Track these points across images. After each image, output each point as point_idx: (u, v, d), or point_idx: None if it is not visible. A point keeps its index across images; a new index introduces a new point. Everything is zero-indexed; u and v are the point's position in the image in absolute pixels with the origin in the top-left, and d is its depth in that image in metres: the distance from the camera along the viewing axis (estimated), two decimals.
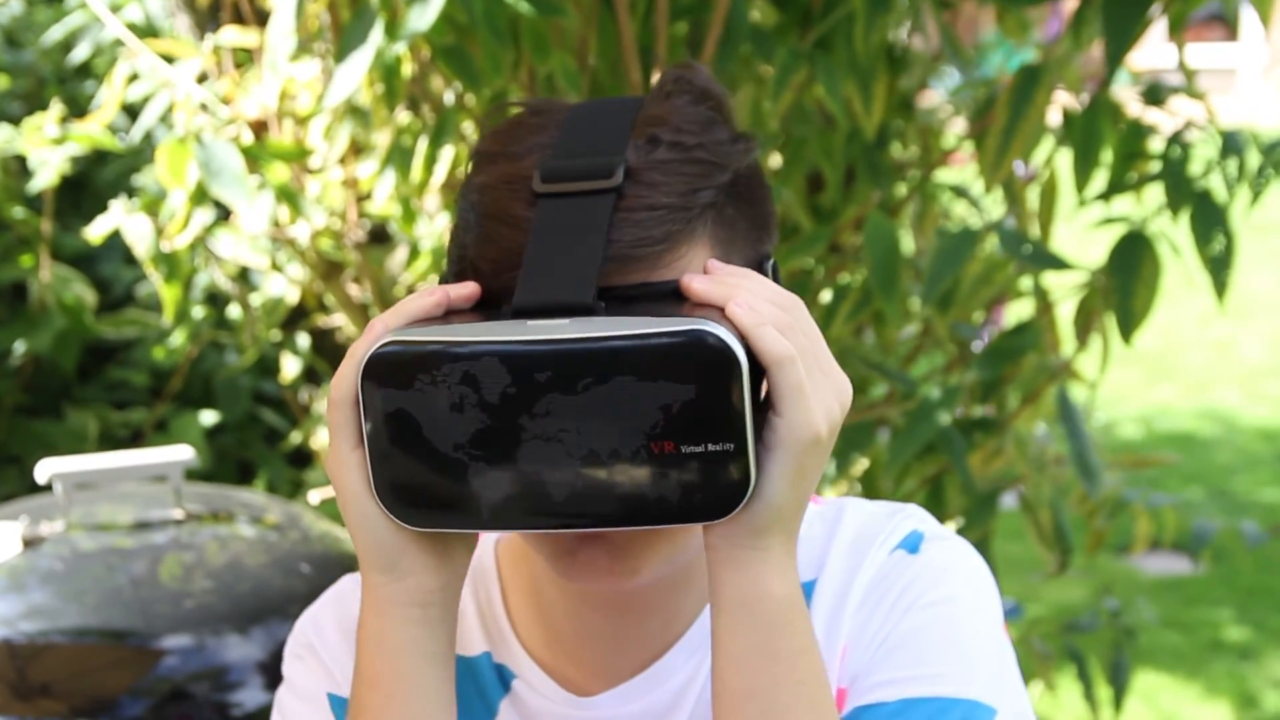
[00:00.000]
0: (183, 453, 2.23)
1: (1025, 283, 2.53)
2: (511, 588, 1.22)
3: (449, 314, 1.01)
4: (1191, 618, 4.80)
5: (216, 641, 2.09)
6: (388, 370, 0.94)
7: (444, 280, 1.08)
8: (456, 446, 0.94)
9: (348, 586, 1.24)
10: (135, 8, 2.74)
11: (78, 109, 3.53)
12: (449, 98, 2.38)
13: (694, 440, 0.92)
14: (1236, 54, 17.99)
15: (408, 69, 2.29)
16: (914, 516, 1.19)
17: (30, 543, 2.14)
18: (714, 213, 1.04)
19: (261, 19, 2.50)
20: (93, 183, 3.63)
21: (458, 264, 1.06)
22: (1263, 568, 5.14)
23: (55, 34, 3.15)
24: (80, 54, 3.21)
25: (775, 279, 1.09)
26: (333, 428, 1.00)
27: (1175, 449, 6.50)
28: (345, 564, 2.27)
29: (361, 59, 2.09)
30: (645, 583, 1.09)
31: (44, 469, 2.17)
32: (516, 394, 0.92)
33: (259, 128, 2.43)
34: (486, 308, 1.01)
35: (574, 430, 0.93)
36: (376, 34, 2.08)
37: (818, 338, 0.99)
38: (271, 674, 2.09)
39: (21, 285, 3.39)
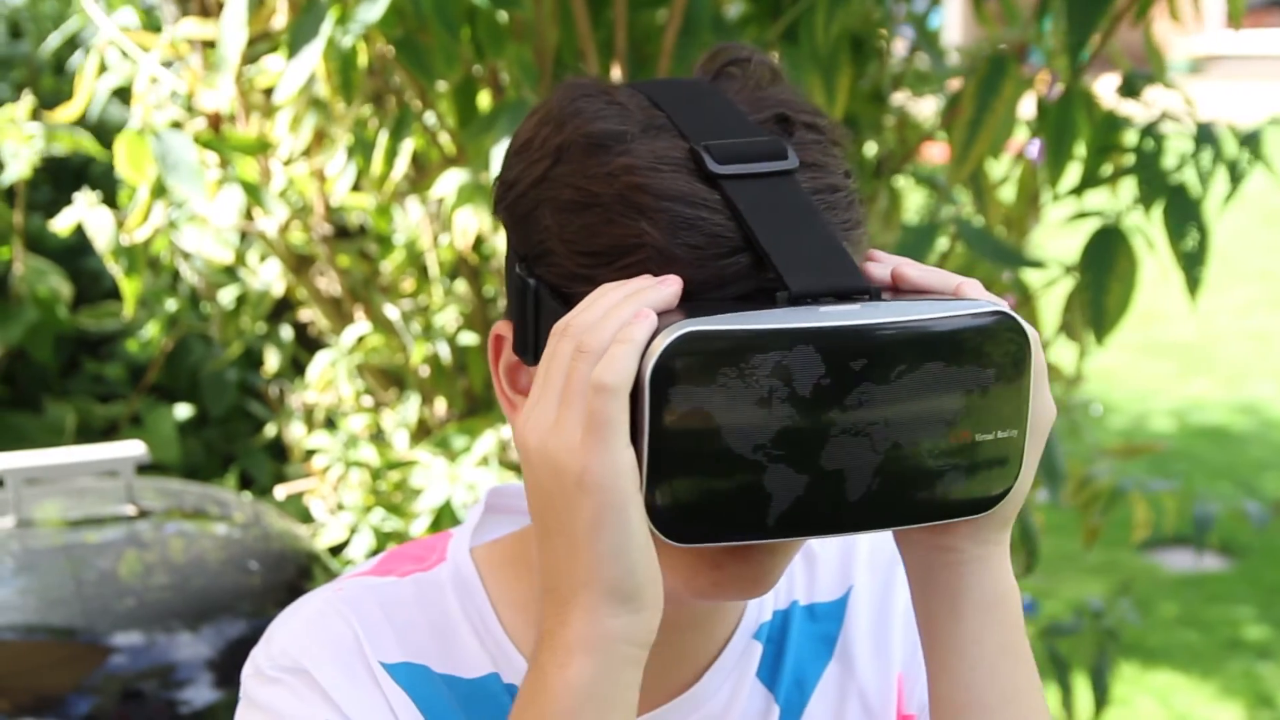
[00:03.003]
0: (134, 448, 2.21)
1: (1007, 276, 2.48)
2: (503, 602, 1.09)
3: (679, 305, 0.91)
4: (1211, 616, 4.73)
5: (166, 639, 2.08)
6: (689, 362, 0.84)
7: (531, 274, 0.96)
8: (757, 447, 0.85)
9: (320, 607, 1.08)
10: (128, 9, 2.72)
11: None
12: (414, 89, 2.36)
13: (987, 428, 0.89)
14: None
15: (364, 61, 2.26)
16: None
17: None
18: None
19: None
20: (89, 172, 3.63)
21: (620, 254, 0.93)
22: None
23: (54, 40, 3.14)
24: (67, 49, 3.20)
25: None
26: (602, 420, 0.85)
27: (1208, 443, 6.41)
28: (300, 563, 2.24)
29: (312, 52, 2.07)
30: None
31: None
32: (830, 385, 0.85)
33: (217, 120, 2.41)
34: (687, 300, 0.90)
35: (882, 423, 0.86)
36: (327, 26, 2.05)
37: None
38: (222, 672, 2.07)
39: (3, 278, 3.40)
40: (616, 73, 2.17)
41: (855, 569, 1.14)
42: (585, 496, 0.85)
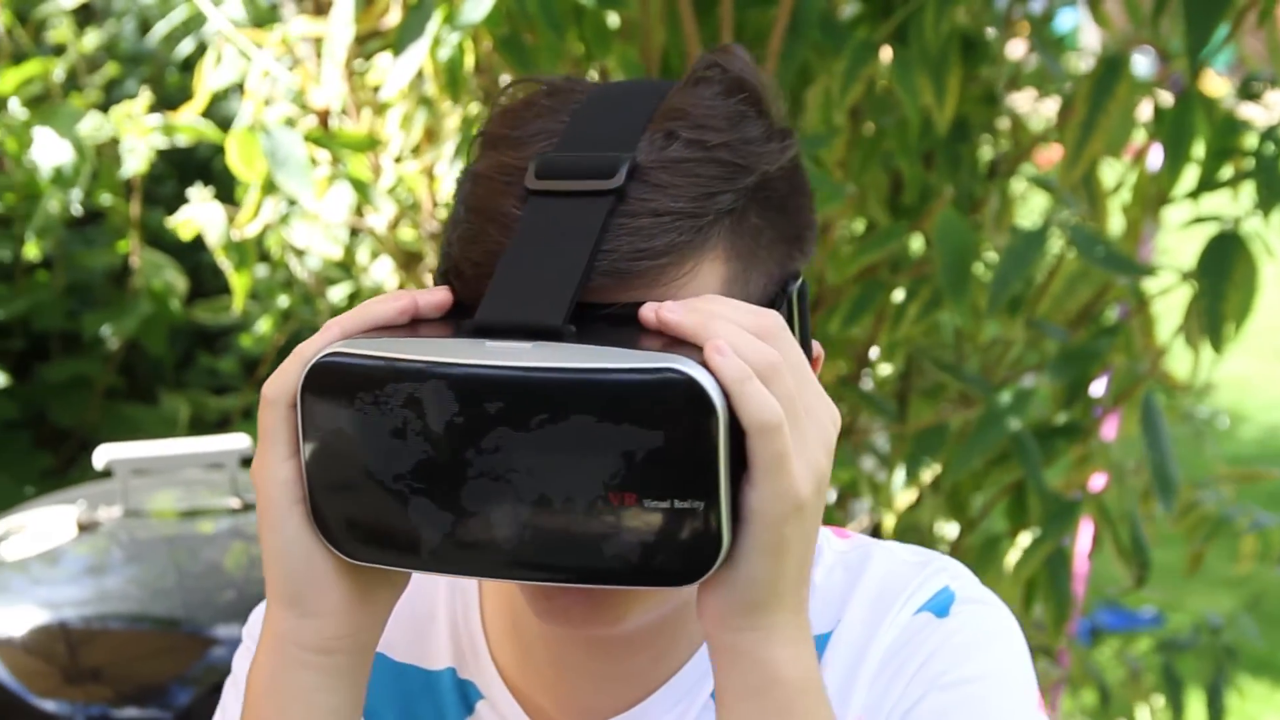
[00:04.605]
0: (239, 441, 2.24)
1: (1124, 282, 2.43)
2: (490, 598, 1.11)
3: (416, 323, 0.90)
4: None
5: None
6: (329, 382, 0.85)
7: (436, 279, 0.97)
8: (397, 477, 0.85)
9: None
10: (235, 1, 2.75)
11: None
12: None
13: (658, 494, 0.82)
14: None
15: (471, 60, 2.26)
16: (946, 571, 1.07)
17: (86, 527, 2.16)
18: (732, 221, 0.93)
19: None
20: (213, 167, 3.68)
21: (443, 261, 0.95)
22: None
23: (163, 27, 3.19)
24: (188, 45, 3.25)
25: (803, 303, 0.98)
26: (264, 430, 0.89)
27: None
28: None
29: (417, 50, 2.07)
30: (633, 627, 1.00)
31: (101, 455, 2.19)
32: (464, 424, 0.82)
33: (326, 117, 2.43)
34: (462, 317, 0.89)
35: (525, 471, 0.82)
36: (433, 25, 2.06)
37: (801, 365, 0.87)
38: None
39: (121, 271, 3.47)
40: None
41: (851, 602, 1.06)
42: (258, 501, 0.90)
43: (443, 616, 1.12)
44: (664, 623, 1.03)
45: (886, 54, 2.18)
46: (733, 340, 0.84)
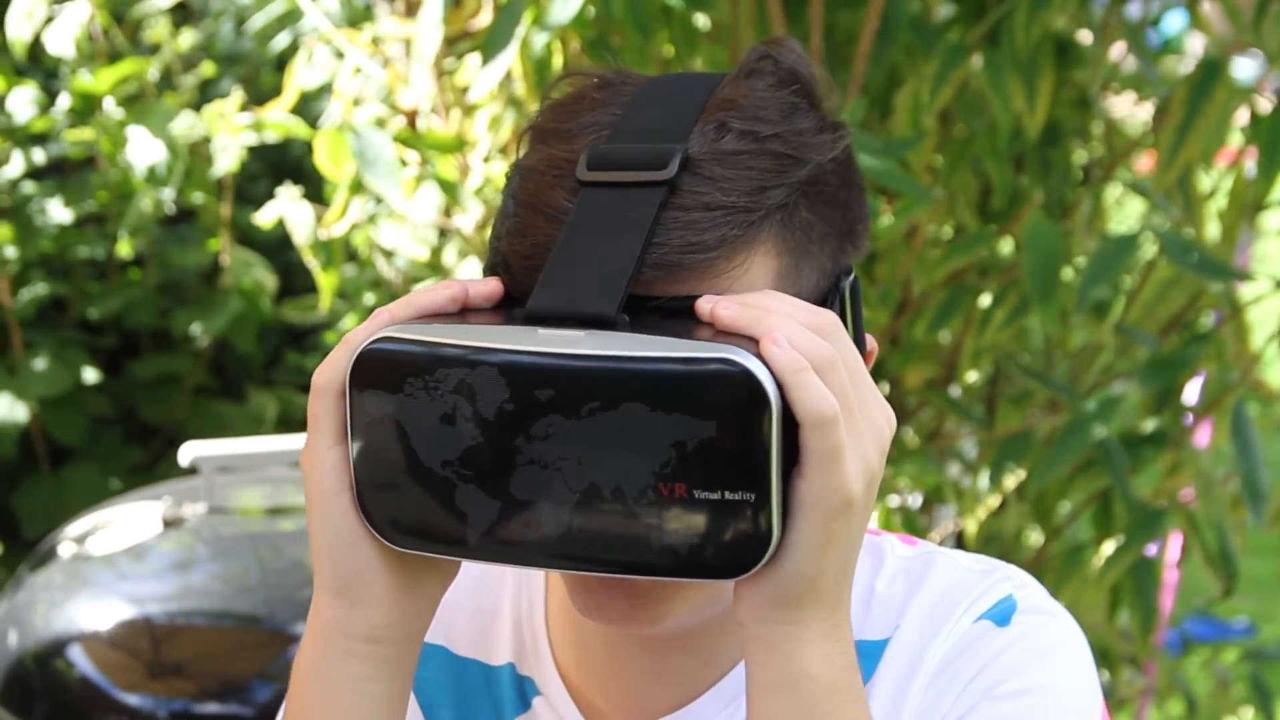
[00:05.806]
0: None
1: (1217, 289, 2.39)
2: (554, 597, 1.10)
3: (465, 311, 0.90)
4: None
5: None
6: (378, 368, 0.85)
7: (486, 272, 0.97)
8: (445, 463, 0.84)
9: None
10: None
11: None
12: None
13: (709, 485, 0.81)
14: None
15: (559, 62, 2.26)
16: (1011, 580, 1.05)
17: (170, 524, 2.18)
18: (784, 215, 0.92)
19: None
20: (305, 166, 3.70)
21: (492, 255, 0.95)
22: None
23: (257, 22, 3.22)
24: (281, 42, 3.27)
25: (855, 298, 0.98)
26: (312, 418, 0.89)
27: None
28: None
29: (506, 54, 2.07)
30: (677, 627, 0.99)
31: (187, 452, 2.21)
32: (514, 411, 0.82)
33: (414, 117, 2.44)
34: (512, 308, 0.89)
35: (574, 460, 0.82)
36: (521, 27, 2.06)
37: (857, 364, 0.87)
38: None
39: (216, 269, 3.50)
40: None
41: (910, 609, 1.04)
42: (306, 490, 0.90)
43: (508, 613, 1.12)
44: (710, 624, 1.02)
45: (978, 57, 2.16)
46: (789, 333, 0.83)
